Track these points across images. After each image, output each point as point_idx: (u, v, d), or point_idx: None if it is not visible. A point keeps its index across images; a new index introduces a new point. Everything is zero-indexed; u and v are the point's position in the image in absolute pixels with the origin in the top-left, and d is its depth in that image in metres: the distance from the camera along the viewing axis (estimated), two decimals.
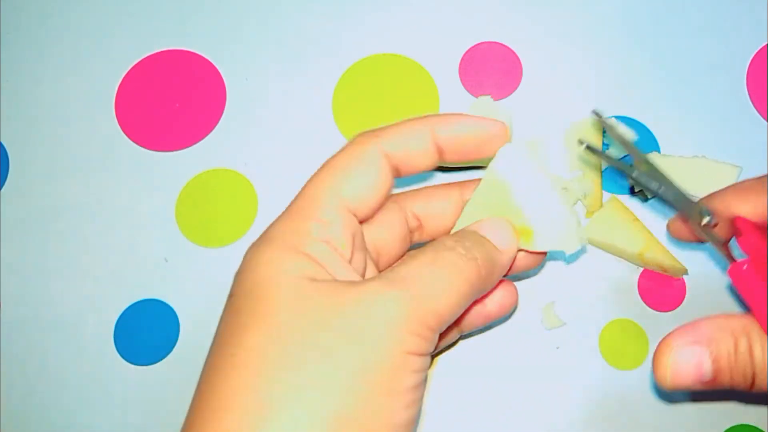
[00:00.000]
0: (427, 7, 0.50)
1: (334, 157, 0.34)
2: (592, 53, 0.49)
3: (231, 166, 0.47)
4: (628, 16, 0.50)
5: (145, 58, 0.49)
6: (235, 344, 0.29)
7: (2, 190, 0.47)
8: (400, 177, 0.36)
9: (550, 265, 0.46)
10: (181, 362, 0.45)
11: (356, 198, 0.33)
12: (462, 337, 0.44)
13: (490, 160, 0.37)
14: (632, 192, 0.47)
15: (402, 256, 0.39)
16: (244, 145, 0.48)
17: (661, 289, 0.46)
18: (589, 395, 0.44)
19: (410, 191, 0.39)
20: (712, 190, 0.46)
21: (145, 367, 0.45)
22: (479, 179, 0.37)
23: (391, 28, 0.50)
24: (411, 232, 0.38)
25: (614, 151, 0.47)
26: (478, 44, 0.49)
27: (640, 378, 0.45)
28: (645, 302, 0.46)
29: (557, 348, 0.45)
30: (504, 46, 0.49)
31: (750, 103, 0.49)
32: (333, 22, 0.50)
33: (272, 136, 0.48)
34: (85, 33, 0.50)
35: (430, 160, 0.35)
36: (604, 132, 0.47)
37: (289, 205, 0.33)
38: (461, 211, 0.37)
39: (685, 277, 0.46)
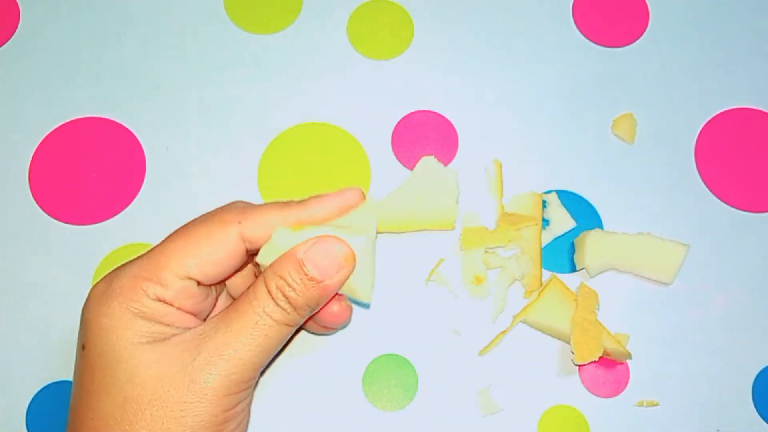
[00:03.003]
0: (359, 74, 0.48)
1: (194, 226, 0.36)
2: (531, 124, 0.48)
3: (151, 241, 0.45)
4: (568, 87, 0.48)
5: (60, 126, 0.47)
6: (93, 407, 0.33)
7: None
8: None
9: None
10: None
11: (201, 271, 0.35)
12: None
13: None
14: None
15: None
16: (165, 219, 0.45)
17: (603, 373, 0.44)
18: None
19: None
20: (659, 270, 0.44)
21: None
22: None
23: (321, 97, 0.48)
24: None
25: (558, 227, 0.45)
26: (412, 113, 0.47)
27: None
28: (587, 387, 0.43)
29: None
30: (439, 115, 0.47)
31: (698, 176, 0.47)
32: (259, 89, 0.48)
33: (194, 210, 0.44)
34: None
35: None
36: (544, 206, 0.45)
37: (141, 257, 0.35)
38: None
39: (628, 361, 0.44)
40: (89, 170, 0.46)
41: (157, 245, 0.35)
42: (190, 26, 0.49)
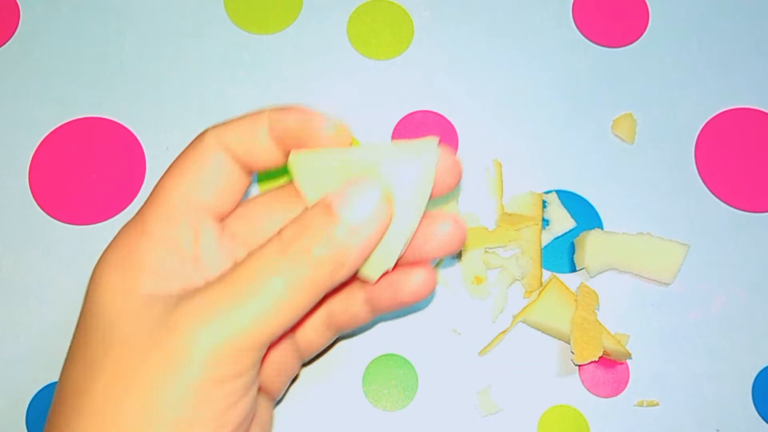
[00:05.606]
0: (359, 74, 0.48)
1: (179, 156, 0.33)
2: (531, 124, 0.48)
3: None
4: (568, 87, 0.48)
5: (60, 126, 0.47)
6: (67, 368, 0.30)
7: None
8: (251, 172, 0.34)
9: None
10: None
11: (200, 191, 0.32)
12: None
13: None
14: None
15: None
16: None
17: (603, 373, 0.44)
18: None
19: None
20: (659, 270, 0.44)
21: None
22: None
23: (321, 97, 0.48)
24: None
25: (558, 227, 0.45)
26: (412, 113, 0.47)
27: None
28: (587, 387, 0.43)
29: None
30: (439, 115, 0.47)
31: (698, 176, 0.47)
32: (260, 89, 0.48)
33: None
34: None
35: (272, 154, 0.33)
36: (544, 206, 0.45)
37: (140, 209, 0.32)
38: None
39: (628, 361, 0.44)
40: (89, 170, 0.46)
41: (152, 190, 0.33)
42: (190, 26, 0.49)
